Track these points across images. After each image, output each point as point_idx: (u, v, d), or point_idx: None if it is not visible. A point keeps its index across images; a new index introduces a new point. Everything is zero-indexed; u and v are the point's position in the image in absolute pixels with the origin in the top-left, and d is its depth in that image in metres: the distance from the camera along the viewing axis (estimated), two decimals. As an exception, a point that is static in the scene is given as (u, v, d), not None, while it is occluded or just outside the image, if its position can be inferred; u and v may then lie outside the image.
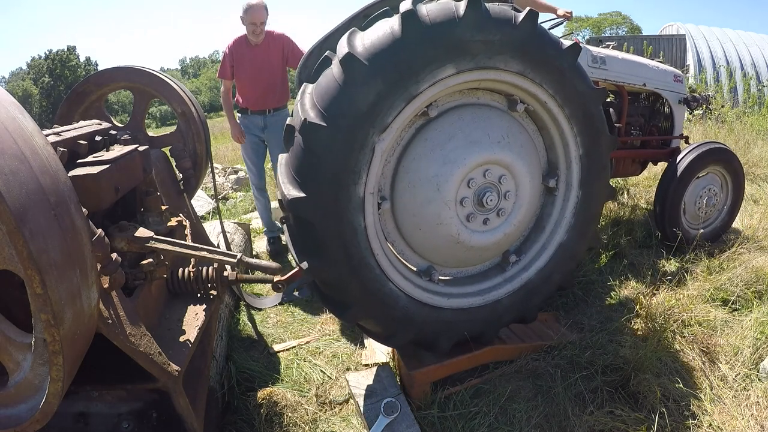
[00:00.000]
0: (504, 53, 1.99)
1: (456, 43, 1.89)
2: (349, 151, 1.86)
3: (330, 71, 1.88)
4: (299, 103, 1.94)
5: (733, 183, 3.99)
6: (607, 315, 3.03)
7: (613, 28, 57.92)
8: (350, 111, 1.83)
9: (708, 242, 3.76)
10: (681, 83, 4.06)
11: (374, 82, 1.82)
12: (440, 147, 2.09)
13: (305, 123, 1.84)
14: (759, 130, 7.76)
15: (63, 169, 1.30)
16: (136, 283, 1.99)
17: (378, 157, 1.94)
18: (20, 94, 54.73)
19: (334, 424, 2.36)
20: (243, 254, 2.18)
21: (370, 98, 1.83)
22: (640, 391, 2.28)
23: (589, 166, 2.39)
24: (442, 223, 2.15)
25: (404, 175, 2.12)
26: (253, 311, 3.53)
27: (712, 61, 14.33)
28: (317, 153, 1.84)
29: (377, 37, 1.85)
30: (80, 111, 2.97)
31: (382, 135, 1.91)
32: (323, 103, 1.84)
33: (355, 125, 1.84)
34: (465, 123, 2.13)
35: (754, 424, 2.13)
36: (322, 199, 1.87)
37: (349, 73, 1.81)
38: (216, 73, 4.85)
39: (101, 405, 1.84)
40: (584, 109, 2.28)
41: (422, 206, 2.12)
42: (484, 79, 2.07)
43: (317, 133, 1.83)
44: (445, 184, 2.09)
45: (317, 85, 1.91)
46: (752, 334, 2.62)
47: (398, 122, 1.95)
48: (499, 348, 2.54)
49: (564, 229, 2.47)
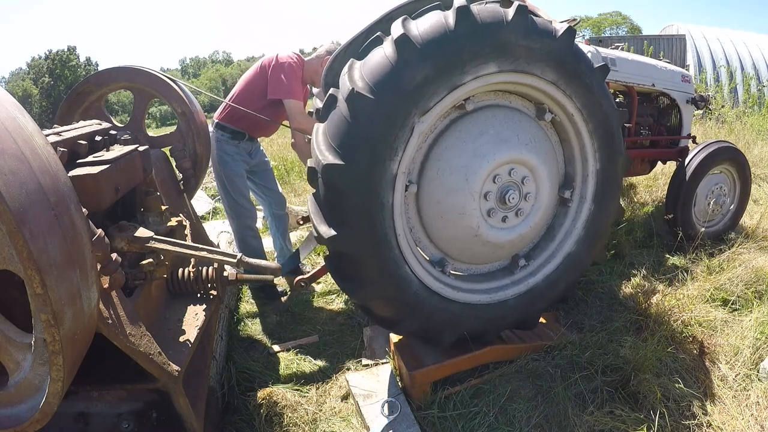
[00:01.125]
0: (542, 61, 2.12)
1: (501, 44, 2.01)
2: (390, 125, 1.93)
3: (382, 49, 1.96)
4: (346, 76, 1.99)
5: (740, 180, 4.06)
6: (607, 315, 3.03)
7: (613, 28, 57.97)
8: (397, 88, 1.91)
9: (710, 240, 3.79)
10: (689, 83, 4.13)
11: (423, 65, 1.91)
12: (472, 140, 2.18)
13: (352, 92, 1.90)
14: (759, 131, 7.76)
15: (63, 169, 1.30)
16: (136, 283, 1.99)
17: (415, 138, 2.01)
18: (20, 94, 54.78)
19: (334, 424, 2.36)
20: (243, 254, 2.18)
21: (417, 79, 1.91)
22: (640, 391, 2.28)
23: (604, 182, 2.49)
24: (464, 214, 2.21)
25: (435, 162, 2.18)
26: (259, 304, 3.53)
27: (712, 61, 14.33)
28: (360, 122, 1.90)
29: (431, 25, 1.94)
30: (80, 111, 2.97)
31: (422, 117, 2.00)
32: (372, 77, 1.91)
33: (399, 102, 1.92)
34: (497, 121, 2.23)
35: (754, 424, 2.14)
36: (357, 168, 1.91)
37: (401, 52, 1.90)
38: (215, 73, 4.76)
39: (101, 405, 1.84)
40: (606, 126, 2.39)
41: (448, 194, 2.18)
42: (520, 83, 2.19)
43: (363, 103, 1.89)
44: (474, 176, 2.17)
45: (367, 61, 1.98)
46: (752, 334, 2.62)
47: (438, 108, 2.03)
48: (499, 348, 2.54)
49: (573, 240, 2.55)
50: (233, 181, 3.58)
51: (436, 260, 2.39)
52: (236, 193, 3.61)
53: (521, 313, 2.51)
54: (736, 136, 7.07)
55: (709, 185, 3.92)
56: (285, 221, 4.11)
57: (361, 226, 1.99)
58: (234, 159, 3.58)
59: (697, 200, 3.88)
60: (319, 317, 3.44)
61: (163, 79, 2.99)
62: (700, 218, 3.94)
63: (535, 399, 2.35)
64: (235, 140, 3.56)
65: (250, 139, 3.66)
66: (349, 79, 1.96)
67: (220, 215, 5.90)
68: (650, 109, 4.19)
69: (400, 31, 1.92)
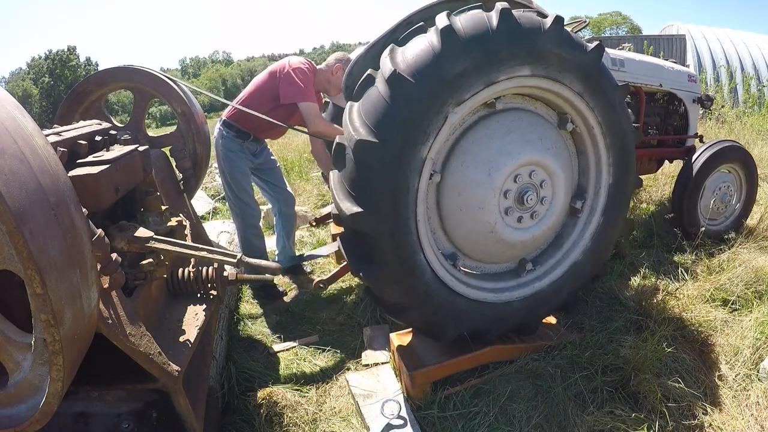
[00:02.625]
0: (572, 72, 2.22)
1: (537, 50, 2.10)
2: (425, 110, 1.99)
3: (424, 38, 2.02)
4: (388, 58, 2.04)
5: (747, 179, 4.09)
6: (607, 315, 3.03)
7: (613, 28, 57.99)
8: (437, 75, 1.96)
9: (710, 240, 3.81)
10: (695, 83, 4.19)
11: (464, 57, 1.98)
12: (499, 138, 2.24)
13: (394, 73, 1.95)
14: (759, 131, 7.76)
15: (63, 169, 1.30)
16: (136, 283, 1.99)
17: (447, 127, 2.07)
18: (20, 94, 54.77)
19: (334, 424, 2.36)
20: (243, 254, 2.18)
21: (456, 70, 1.98)
22: (640, 391, 2.28)
23: (614, 197, 2.58)
24: (483, 208, 2.26)
25: (460, 154, 2.23)
26: (259, 304, 3.53)
27: (712, 61, 14.33)
28: (398, 103, 1.95)
29: (475, 22, 2.02)
30: (80, 111, 2.97)
31: (456, 108, 2.06)
32: (414, 62, 1.96)
33: (437, 89, 1.98)
34: (523, 123, 2.31)
35: (754, 424, 2.14)
36: (388, 146, 1.95)
37: (444, 43, 1.96)
38: (215, 73, 4.76)
39: (101, 405, 1.84)
40: (622, 143, 2.49)
41: (470, 187, 2.23)
42: (549, 89, 2.28)
43: (403, 85, 1.94)
44: (497, 172, 2.22)
45: (407, 48, 2.04)
46: (752, 334, 2.62)
47: (471, 102, 2.10)
48: (499, 348, 2.54)
49: (581, 249, 2.63)
50: (237, 178, 3.59)
51: (448, 254, 2.43)
52: (240, 190, 3.62)
53: (524, 316, 2.55)
54: (736, 136, 7.07)
55: (716, 183, 3.95)
56: (292, 221, 4.11)
57: (386, 206, 2.01)
58: (238, 156, 3.59)
59: (704, 197, 3.91)
60: (319, 317, 3.44)
61: (163, 79, 2.99)
62: (705, 215, 3.96)
63: (535, 399, 2.35)
64: (240, 139, 3.57)
65: (255, 140, 3.68)
66: (391, 61, 2.00)
67: (220, 215, 5.90)
68: (657, 109, 4.24)
69: (446, 22, 1.98)
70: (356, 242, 2.13)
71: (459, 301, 2.35)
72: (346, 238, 2.18)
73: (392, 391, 2.43)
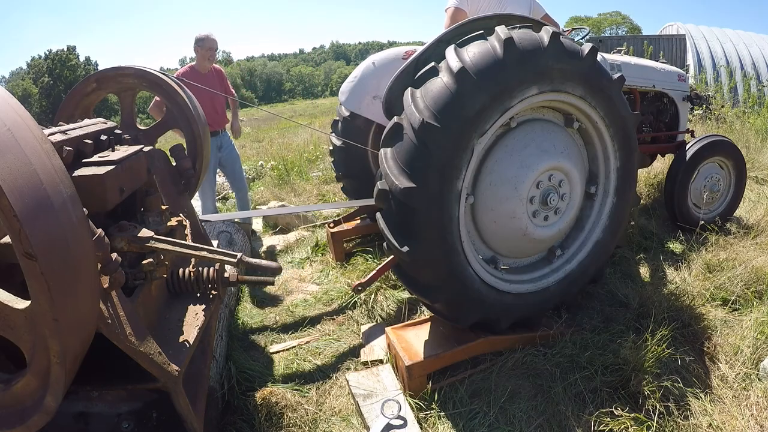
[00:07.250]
0: (573, 80, 2.40)
1: (541, 69, 2.27)
2: (455, 149, 2.17)
3: (441, 80, 2.17)
4: (412, 105, 2.19)
5: (735, 171, 4.28)
6: (608, 315, 3.03)
7: (613, 28, 57.97)
8: (460, 116, 2.13)
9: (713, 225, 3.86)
10: (684, 82, 4.43)
11: (481, 94, 2.15)
12: (518, 152, 2.44)
13: (423, 122, 2.11)
14: (759, 130, 7.75)
15: (64, 168, 1.30)
16: (136, 283, 1.98)
17: (475, 157, 2.28)
18: (20, 93, 54.72)
19: (334, 424, 2.36)
20: (243, 254, 2.18)
21: (476, 107, 2.15)
22: (640, 391, 2.28)
23: (623, 177, 2.81)
24: (515, 217, 2.49)
25: (487, 175, 2.44)
26: (263, 300, 3.53)
27: (712, 61, 14.33)
28: (430, 149, 2.12)
29: (483, 56, 2.17)
30: (80, 110, 2.96)
31: (480, 139, 2.25)
32: (436, 107, 2.12)
33: (463, 128, 2.16)
34: (536, 134, 2.50)
35: (754, 424, 2.13)
36: (429, 189, 2.15)
37: (461, 83, 2.12)
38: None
39: (101, 405, 1.83)
40: (624, 130, 2.70)
41: (500, 202, 2.46)
42: (555, 100, 2.48)
43: (431, 132, 2.11)
44: (521, 185, 2.44)
45: (428, 91, 2.18)
46: (752, 334, 2.62)
47: (492, 130, 2.29)
48: (493, 339, 2.61)
49: (600, 228, 2.87)
50: None
51: (488, 258, 2.66)
52: None
53: (561, 296, 2.81)
54: (736, 135, 7.07)
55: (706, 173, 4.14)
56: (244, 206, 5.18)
57: (434, 237, 2.22)
58: None
59: (693, 187, 4.11)
60: (319, 317, 3.44)
61: (163, 78, 2.99)
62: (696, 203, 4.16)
63: (535, 399, 2.35)
64: None
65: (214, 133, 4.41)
66: (415, 109, 2.16)
67: (220, 215, 5.89)
68: (650, 108, 4.45)
69: (458, 63, 2.14)
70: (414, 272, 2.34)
71: (505, 298, 2.58)
72: (401, 271, 2.43)
73: (392, 391, 2.44)
